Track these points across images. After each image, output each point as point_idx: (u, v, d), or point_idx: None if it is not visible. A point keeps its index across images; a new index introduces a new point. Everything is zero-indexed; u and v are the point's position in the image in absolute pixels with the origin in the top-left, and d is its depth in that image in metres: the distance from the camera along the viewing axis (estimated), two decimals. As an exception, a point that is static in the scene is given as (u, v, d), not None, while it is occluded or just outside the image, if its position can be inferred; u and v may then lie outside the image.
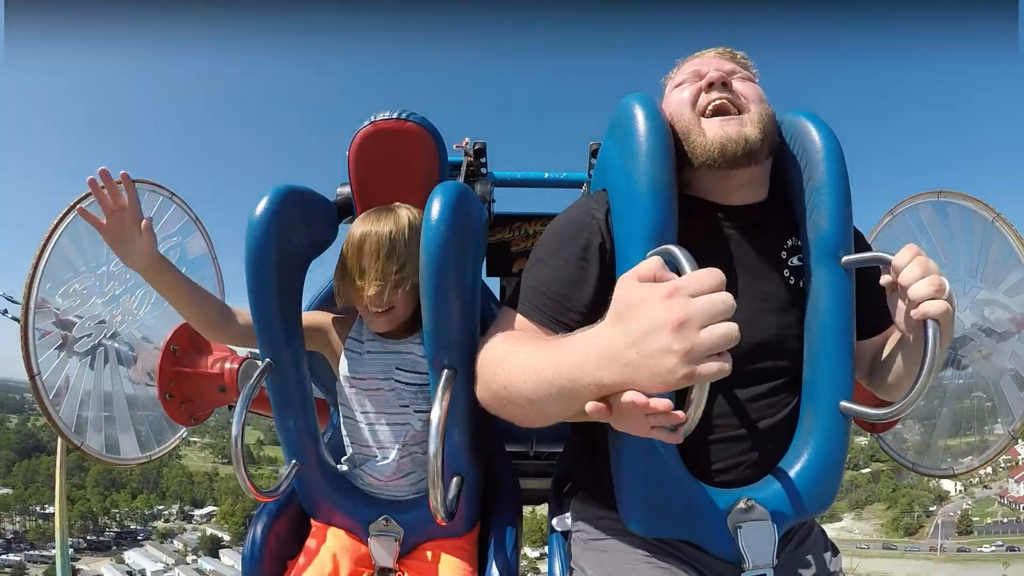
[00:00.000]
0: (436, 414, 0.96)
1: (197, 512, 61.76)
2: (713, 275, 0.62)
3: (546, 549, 1.33)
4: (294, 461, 1.20)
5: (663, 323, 0.60)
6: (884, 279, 0.92)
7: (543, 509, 1.53)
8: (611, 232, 1.00)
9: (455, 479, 1.16)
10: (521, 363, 0.82)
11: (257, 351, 1.19)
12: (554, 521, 1.28)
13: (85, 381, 1.56)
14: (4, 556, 52.28)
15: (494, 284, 2.08)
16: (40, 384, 1.45)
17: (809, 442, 1.00)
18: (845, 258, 0.98)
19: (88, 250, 1.56)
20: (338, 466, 1.31)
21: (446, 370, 1.05)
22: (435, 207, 1.03)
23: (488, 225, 1.78)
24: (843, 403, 0.98)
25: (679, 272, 0.67)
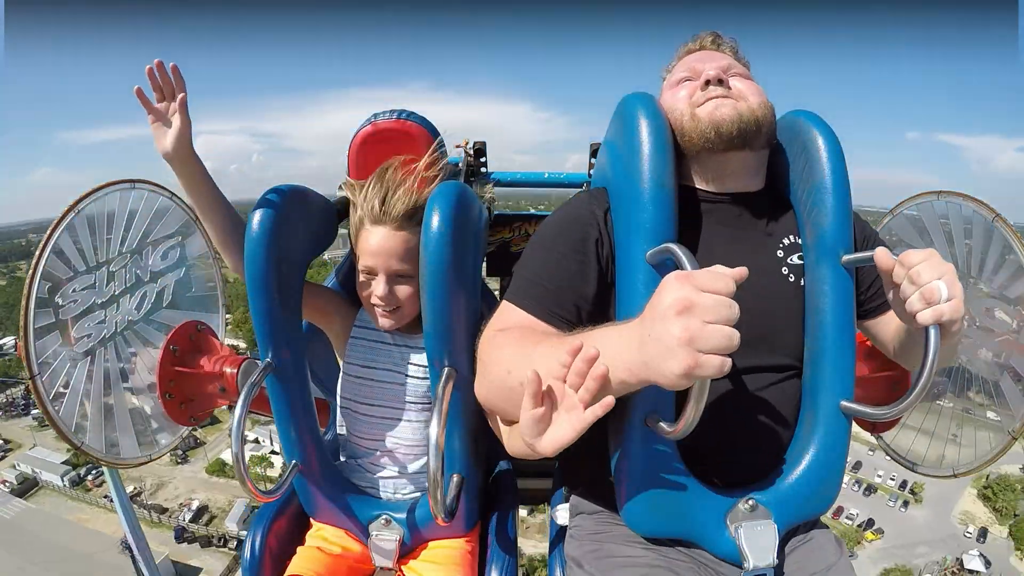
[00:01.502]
0: (437, 414, 0.96)
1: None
2: (724, 279, 0.65)
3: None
4: (294, 461, 1.20)
5: (670, 305, 0.65)
6: (889, 274, 0.88)
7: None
8: (610, 230, 1.00)
9: (455, 479, 1.16)
10: (541, 361, 0.82)
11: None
12: (554, 516, 1.28)
13: (85, 381, 1.55)
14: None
15: (495, 284, 2.08)
16: (40, 384, 1.45)
17: (810, 442, 1.00)
18: (845, 257, 0.98)
19: (88, 251, 1.56)
20: (336, 462, 1.31)
21: (446, 369, 1.05)
22: (435, 207, 1.03)
23: (488, 225, 1.78)
24: (843, 403, 0.98)
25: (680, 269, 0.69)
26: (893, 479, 40.07)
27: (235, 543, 32.12)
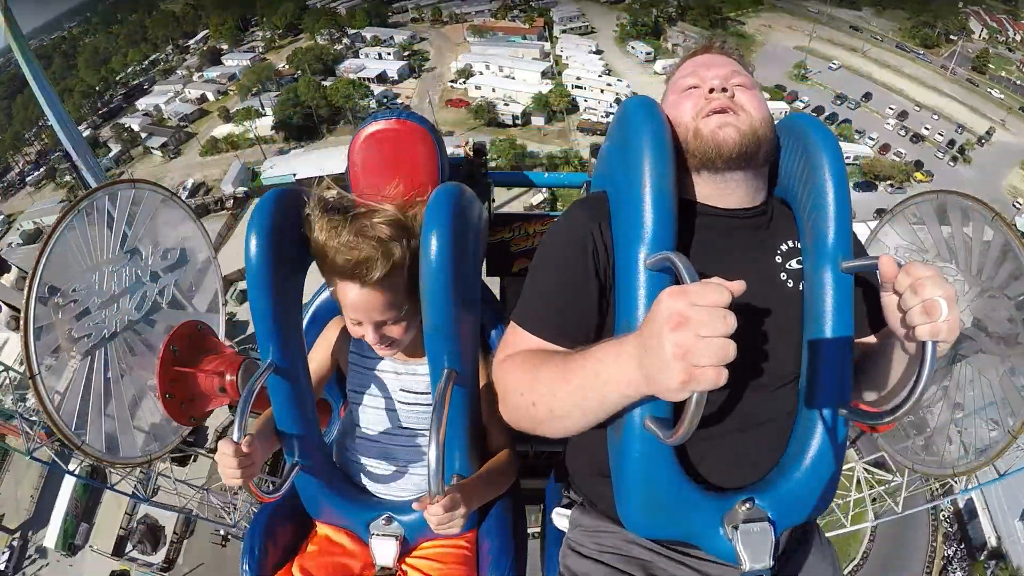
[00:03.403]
0: (436, 415, 0.97)
1: (191, 42, 55.75)
2: (719, 292, 0.66)
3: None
4: (295, 461, 1.20)
5: (665, 321, 0.66)
6: (891, 282, 0.88)
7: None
8: (607, 238, 1.00)
9: (455, 480, 1.16)
10: (549, 382, 0.87)
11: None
12: (551, 519, 1.28)
13: (85, 381, 1.56)
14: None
15: (494, 284, 2.08)
16: (40, 384, 1.45)
17: (808, 445, 1.00)
18: (845, 264, 0.98)
19: (88, 251, 1.57)
20: (337, 464, 1.32)
21: (446, 370, 1.05)
22: (435, 208, 1.03)
23: (488, 225, 1.78)
24: (841, 407, 0.99)
25: (678, 278, 0.69)
26: (941, 135, 37.71)
27: (231, 202, 31.47)
